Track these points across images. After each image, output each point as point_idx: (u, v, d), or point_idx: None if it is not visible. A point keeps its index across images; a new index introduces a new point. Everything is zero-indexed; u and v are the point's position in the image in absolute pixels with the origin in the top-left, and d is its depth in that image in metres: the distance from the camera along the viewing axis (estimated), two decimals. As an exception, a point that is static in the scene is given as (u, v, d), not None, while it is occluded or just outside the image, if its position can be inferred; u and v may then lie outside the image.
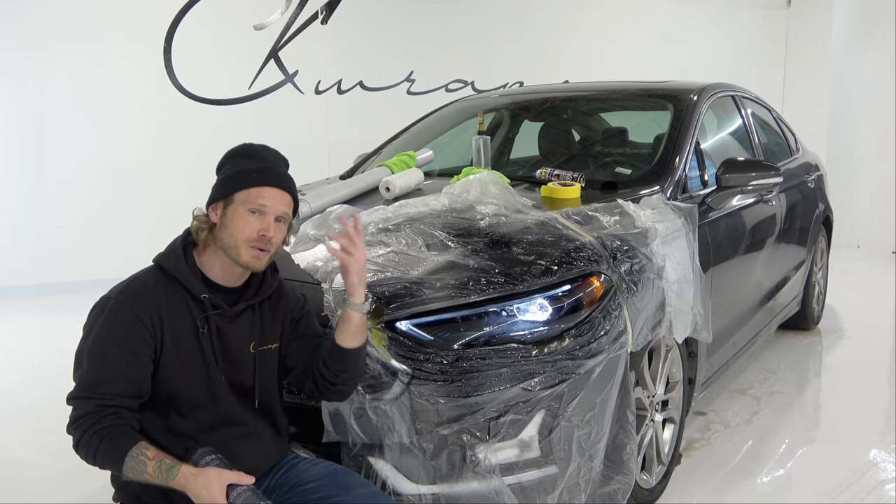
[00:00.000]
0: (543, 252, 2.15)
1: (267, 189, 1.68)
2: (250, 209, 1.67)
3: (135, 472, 1.54)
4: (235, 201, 1.67)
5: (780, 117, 4.58)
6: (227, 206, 1.68)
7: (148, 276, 1.69)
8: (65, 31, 5.71)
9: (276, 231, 1.70)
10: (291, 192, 1.75)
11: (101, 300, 1.66)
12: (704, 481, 2.77)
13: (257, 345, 1.77)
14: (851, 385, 3.82)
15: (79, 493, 2.69)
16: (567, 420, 1.98)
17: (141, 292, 1.65)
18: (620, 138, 3.52)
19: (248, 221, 1.66)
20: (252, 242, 1.66)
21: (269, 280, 1.81)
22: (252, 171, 1.69)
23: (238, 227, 1.66)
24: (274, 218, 1.69)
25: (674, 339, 2.51)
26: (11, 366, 4.15)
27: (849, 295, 5.42)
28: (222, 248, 1.69)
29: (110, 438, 1.55)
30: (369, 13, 6.64)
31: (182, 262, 1.69)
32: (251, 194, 1.67)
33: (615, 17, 7.36)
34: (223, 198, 1.69)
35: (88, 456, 1.58)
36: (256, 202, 1.67)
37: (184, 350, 1.66)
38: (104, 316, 1.63)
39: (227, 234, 1.67)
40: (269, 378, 1.82)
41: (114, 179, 5.92)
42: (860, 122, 7.75)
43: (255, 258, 1.68)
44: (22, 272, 5.78)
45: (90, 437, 1.57)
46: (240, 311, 1.74)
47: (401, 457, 1.95)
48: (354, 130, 6.50)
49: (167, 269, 1.69)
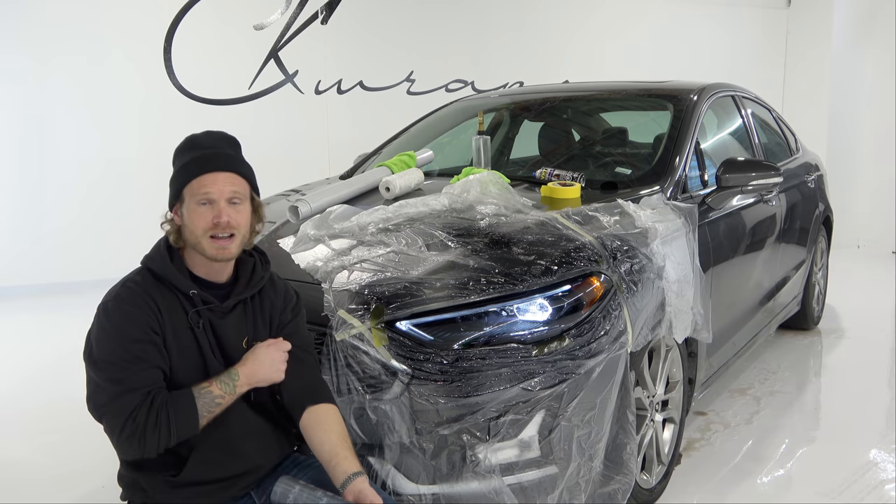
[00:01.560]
0: (543, 252, 2.15)
1: (207, 176, 1.65)
2: (199, 201, 1.65)
3: (210, 407, 1.60)
4: (186, 197, 1.66)
5: (780, 117, 4.59)
6: (181, 205, 1.67)
7: (138, 276, 1.69)
8: (65, 31, 5.71)
9: (234, 213, 1.66)
10: (236, 170, 1.69)
11: (100, 307, 1.65)
12: (704, 481, 2.77)
13: (250, 340, 1.76)
14: (851, 385, 3.82)
15: (78, 492, 2.69)
16: (567, 420, 1.98)
17: (136, 291, 1.65)
18: (620, 138, 3.52)
19: (200, 214, 1.64)
20: (210, 232, 1.64)
21: (260, 273, 1.79)
22: (190, 163, 1.66)
23: (194, 223, 1.65)
24: (225, 201, 1.65)
25: (674, 339, 2.51)
26: (11, 366, 4.15)
27: (849, 295, 5.42)
28: (192, 247, 1.68)
29: (173, 404, 1.57)
30: (369, 13, 6.64)
31: (167, 262, 1.68)
32: (194, 186, 1.65)
33: (615, 17, 7.36)
34: (176, 198, 1.68)
35: (161, 432, 1.55)
36: (201, 192, 1.64)
37: (183, 346, 1.66)
38: (106, 318, 1.62)
39: (188, 231, 1.66)
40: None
41: (114, 179, 5.93)
42: (860, 122, 7.75)
43: (221, 248, 1.66)
44: (22, 272, 5.78)
45: (152, 421, 1.55)
46: (231, 306, 1.73)
47: (401, 457, 1.95)
48: (354, 130, 6.50)
49: (154, 269, 1.68)
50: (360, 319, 1.99)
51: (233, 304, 1.73)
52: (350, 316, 2.00)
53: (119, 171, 5.93)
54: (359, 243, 2.30)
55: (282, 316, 1.83)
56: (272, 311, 1.82)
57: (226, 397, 1.62)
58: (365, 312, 2.00)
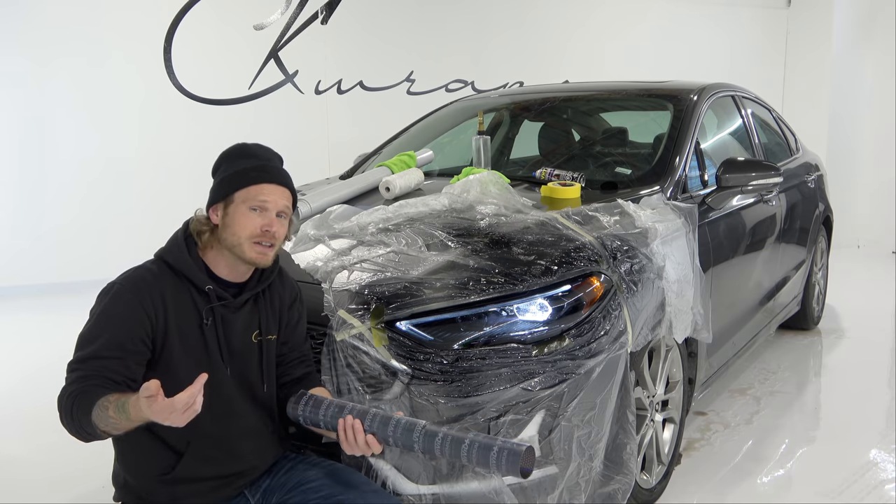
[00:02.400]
0: (543, 252, 2.15)
1: (266, 186, 1.71)
2: (251, 207, 1.69)
3: (103, 422, 1.51)
4: (236, 200, 1.70)
5: (780, 117, 4.58)
6: (227, 206, 1.71)
7: (153, 266, 1.71)
8: (65, 32, 5.71)
9: (279, 226, 1.73)
10: (290, 187, 1.78)
11: (108, 285, 1.68)
12: (704, 481, 2.77)
13: (259, 335, 1.80)
14: (851, 385, 3.82)
15: (78, 492, 2.69)
16: (567, 420, 1.97)
17: (146, 280, 1.67)
18: (620, 138, 3.52)
19: (250, 219, 1.69)
20: (256, 238, 1.70)
21: (270, 269, 1.82)
22: (250, 170, 1.72)
23: (241, 225, 1.69)
24: (275, 213, 1.72)
25: (674, 339, 2.51)
26: (11, 366, 4.15)
27: (849, 295, 5.42)
28: (227, 248, 1.71)
29: (83, 394, 1.54)
30: (369, 13, 6.64)
31: (185, 255, 1.71)
32: (251, 192, 1.70)
33: (615, 16, 7.35)
34: (223, 198, 1.72)
35: (68, 421, 1.55)
36: (257, 199, 1.70)
37: (189, 342, 1.68)
38: (107, 300, 1.65)
39: (230, 233, 1.70)
40: (270, 368, 1.84)
41: (114, 179, 5.92)
42: (860, 122, 7.75)
43: (261, 254, 1.71)
44: (22, 272, 5.78)
45: (66, 400, 1.55)
46: (243, 301, 1.76)
47: (401, 457, 1.94)
48: (354, 130, 6.49)
49: (170, 262, 1.70)
50: (360, 319, 1.99)
51: (245, 299, 1.76)
52: (350, 316, 2.00)
53: (119, 171, 5.93)
54: (359, 243, 2.30)
55: (289, 312, 1.88)
56: (281, 305, 1.87)
57: (120, 423, 1.49)
58: (365, 312, 2.00)
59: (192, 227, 1.74)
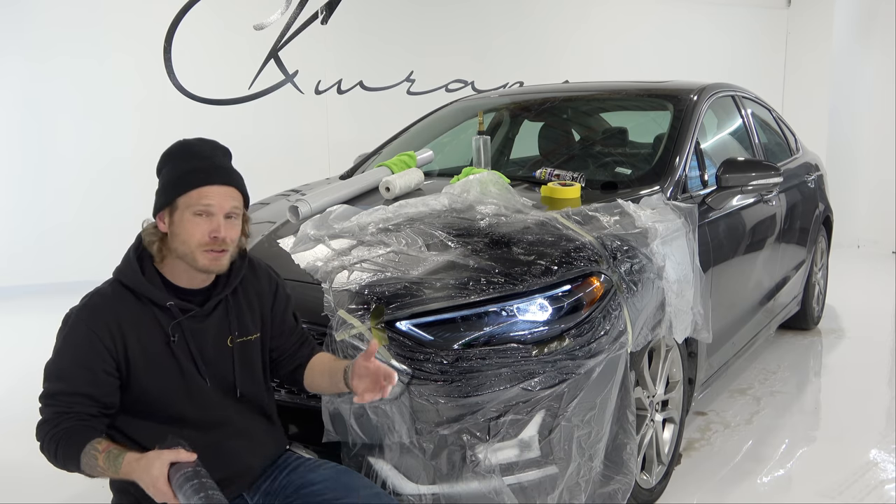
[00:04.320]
0: (543, 252, 2.15)
1: (208, 188, 1.60)
2: (196, 212, 1.60)
3: (91, 469, 1.51)
4: (180, 206, 1.60)
5: (780, 117, 4.58)
6: (172, 213, 1.61)
7: (108, 289, 1.65)
8: (65, 32, 5.71)
9: (229, 228, 1.63)
10: (236, 184, 1.66)
11: (67, 313, 1.63)
12: (704, 481, 2.77)
13: (235, 337, 1.74)
14: (851, 385, 3.82)
15: (78, 492, 2.69)
16: (567, 420, 1.97)
17: (100, 307, 1.61)
18: (620, 138, 3.52)
19: (196, 225, 1.59)
20: (205, 246, 1.60)
21: (238, 266, 1.75)
22: (190, 172, 1.61)
23: (188, 233, 1.60)
24: (223, 216, 1.62)
25: (674, 339, 2.51)
26: (11, 366, 4.15)
27: (849, 295, 5.42)
28: (179, 257, 1.63)
29: (67, 439, 1.53)
30: (369, 13, 6.64)
31: (139, 275, 1.63)
32: (192, 197, 1.60)
33: (615, 16, 7.35)
34: (167, 205, 1.62)
35: (51, 458, 1.56)
36: (201, 203, 1.60)
37: (155, 360, 1.63)
38: (66, 332, 1.61)
39: (179, 241, 1.61)
40: (252, 370, 1.78)
41: (114, 179, 5.92)
42: (860, 122, 7.75)
43: (214, 260, 1.63)
44: (22, 272, 5.79)
45: (49, 441, 1.55)
46: (212, 307, 1.70)
47: (401, 457, 1.94)
48: (354, 130, 6.49)
49: (125, 283, 1.64)
50: (360, 319, 1.99)
51: (213, 305, 1.70)
52: (350, 316, 2.00)
53: (119, 172, 5.92)
54: (359, 243, 2.30)
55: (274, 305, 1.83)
56: (260, 301, 1.80)
57: (108, 472, 1.49)
58: (365, 312, 2.00)
59: (145, 239, 1.66)
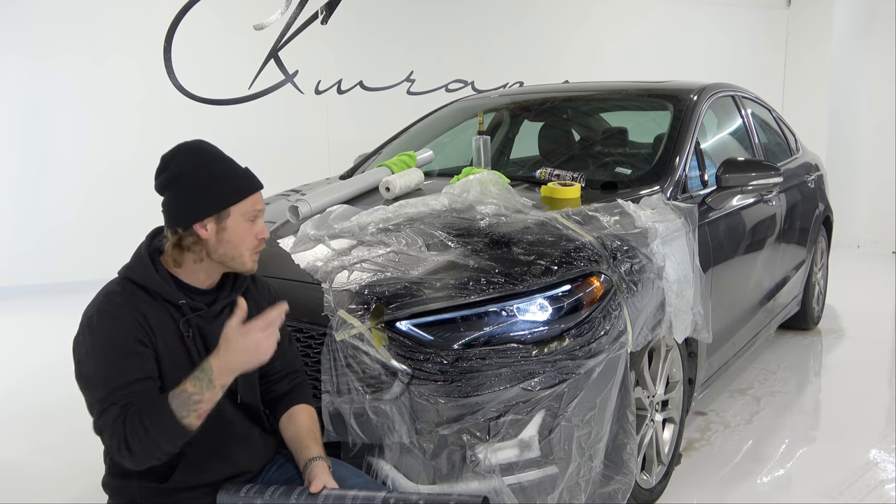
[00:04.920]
0: (543, 252, 2.15)
1: (257, 195, 1.72)
2: (249, 218, 1.69)
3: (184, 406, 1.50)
4: (233, 214, 1.67)
5: (780, 117, 4.58)
6: (221, 220, 1.66)
7: (119, 288, 1.65)
8: (65, 31, 5.71)
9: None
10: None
11: (84, 322, 1.62)
12: (704, 481, 2.77)
13: None
14: (851, 385, 3.82)
15: (78, 492, 2.69)
16: (567, 420, 1.97)
17: (121, 302, 1.62)
18: (620, 138, 3.52)
19: (248, 229, 1.69)
20: (255, 248, 1.71)
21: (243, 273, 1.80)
22: (240, 181, 1.69)
23: (240, 238, 1.68)
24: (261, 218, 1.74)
25: (674, 339, 2.51)
26: (12, 366, 4.16)
27: (849, 295, 5.42)
28: (220, 261, 1.69)
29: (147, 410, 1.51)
30: (369, 13, 6.64)
31: (152, 272, 1.66)
32: (247, 204, 1.69)
33: (615, 16, 7.36)
34: (217, 212, 1.66)
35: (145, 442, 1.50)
36: (255, 210, 1.70)
37: (173, 355, 1.65)
38: (94, 335, 1.59)
39: (229, 246, 1.67)
40: (251, 377, 1.80)
41: (114, 180, 5.92)
42: (860, 122, 7.75)
43: (256, 261, 1.74)
44: (22, 272, 5.79)
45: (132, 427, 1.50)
46: (219, 310, 1.73)
47: (401, 457, 1.95)
48: (354, 130, 6.50)
49: (137, 281, 1.65)
50: (360, 319, 1.99)
51: (220, 308, 1.73)
52: (350, 316, 2.00)
53: (119, 172, 5.92)
54: (359, 243, 2.30)
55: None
56: (258, 310, 1.79)
57: (204, 393, 1.51)
58: (365, 312, 2.00)
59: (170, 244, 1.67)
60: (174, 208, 1.67)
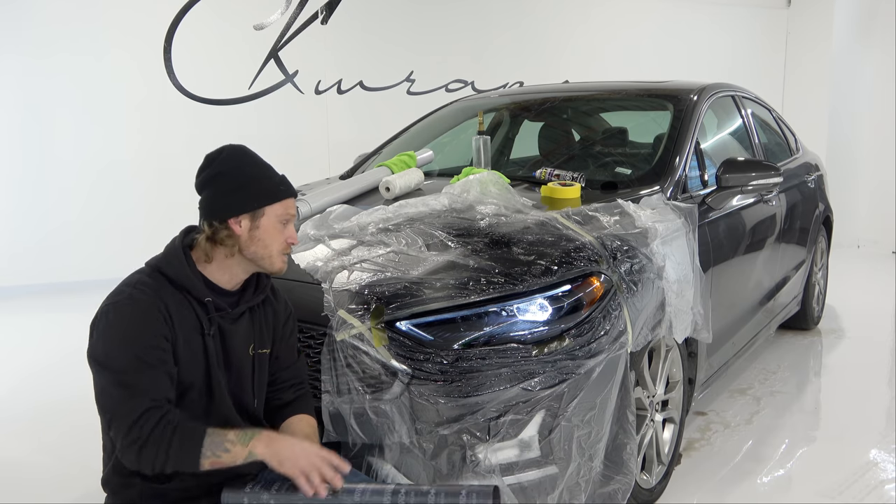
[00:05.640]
0: (543, 252, 2.15)
1: (290, 200, 1.77)
2: (282, 220, 1.75)
3: (213, 447, 1.54)
4: (268, 214, 1.72)
5: (780, 117, 4.59)
6: (256, 218, 1.71)
7: (150, 279, 1.67)
8: (65, 31, 5.71)
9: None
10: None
11: (110, 306, 1.61)
12: (704, 481, 2.77)
13: (255, 348, 1.80)
14: (851, 385, 3.82)
15: (78, 492, 2.69)
16: (567, 420, 1.98)
17: (149, 295, 1.63)
18: (620, 138, 3.52)
19: (280, 232, 1.75)
20: (285, 250, 1.77)
21: (264, 280, 1.85)
22: (279, 185, 1.75)
23: (272, 238, 1.73)
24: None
25: (674, 339, 2.51)
26: (12, 366, 4.15)
27: (849, 295, 5.42)
28: (251, 258, 1.73)
29: (182, 428, 1.54)
30: (369, 13, 6.64)
31: (185, 267, 1.69)
32: (282, 206, 1.75)
33: (615, 16, 7.36)
34: (252, 210, 1.71)
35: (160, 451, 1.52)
36: (288, 213, 1.76)
37: (192, 352, 1.67)
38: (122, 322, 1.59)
39: (260, 245, 1.72)
40: (263, 382, 1.85)
41: (114, 179, 5.93)
42: (860, 122, 7.75)
43: (285, 263, 1.79)
44: (23, 272, 5.79)
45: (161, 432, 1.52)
46: (240, 313, 1.77)
47: (401, 457, 1.95)
48: (354, 130, 6.50)
49: (168, 274, 1.67)
50: (360, 319, 1.99)
51: (242, 310, 1.77)
52: (350, 316, 2.00)
53: (119, 171, 5.93)
54: (359, 243, 2.30)
55: (284, 327, 1.90)
56: (275, 319, 1.88)
57: (236, 446, 1.56)
58: (365, 312, 2.00)
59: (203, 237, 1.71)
60: (212, 202, 1.72)
